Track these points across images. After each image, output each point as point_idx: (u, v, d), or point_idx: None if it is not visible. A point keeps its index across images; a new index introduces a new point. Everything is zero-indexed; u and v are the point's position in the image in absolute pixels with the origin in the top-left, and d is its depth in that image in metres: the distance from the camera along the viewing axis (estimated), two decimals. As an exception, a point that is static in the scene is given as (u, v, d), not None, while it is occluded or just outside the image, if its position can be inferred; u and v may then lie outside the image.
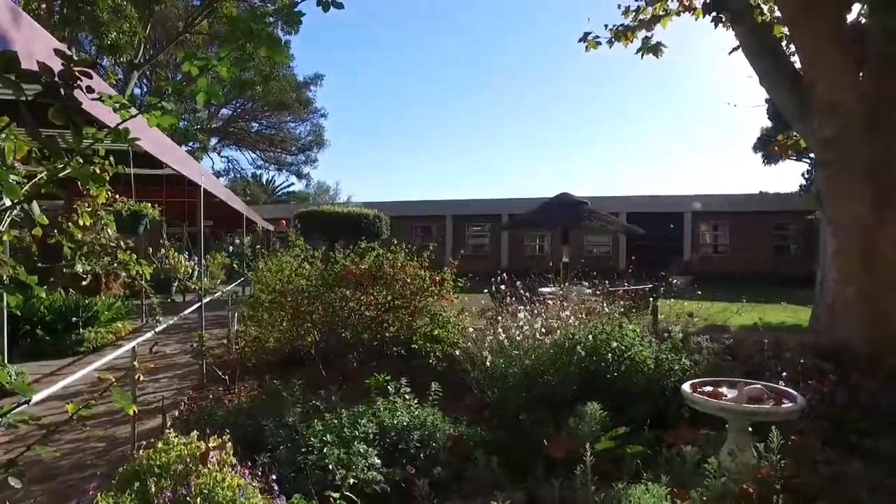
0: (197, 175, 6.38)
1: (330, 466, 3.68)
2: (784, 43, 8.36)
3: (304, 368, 6.59)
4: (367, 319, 6.52)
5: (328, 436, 4.07)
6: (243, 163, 62.44)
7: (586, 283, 10.92)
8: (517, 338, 4.63)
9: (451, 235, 31.65)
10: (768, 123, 24.12)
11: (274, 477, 3.33)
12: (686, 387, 3.78)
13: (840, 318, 7.06)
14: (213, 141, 38.51)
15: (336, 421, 4.33)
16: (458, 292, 7.01)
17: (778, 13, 8.04)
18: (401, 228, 26.77)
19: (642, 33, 8.65)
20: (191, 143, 30.79)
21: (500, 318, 5.42)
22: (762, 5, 8.21)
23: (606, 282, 9.69)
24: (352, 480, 3.48)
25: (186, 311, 7.09)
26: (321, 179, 67.47)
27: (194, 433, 3.45)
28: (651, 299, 11.01)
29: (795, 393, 3.61)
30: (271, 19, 1.77)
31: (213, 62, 1.71)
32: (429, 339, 6.33)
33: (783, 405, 3.38)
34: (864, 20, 7.55)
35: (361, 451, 3.91)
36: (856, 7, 7.52)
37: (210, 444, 3.21)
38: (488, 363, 4.57)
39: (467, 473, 3.93)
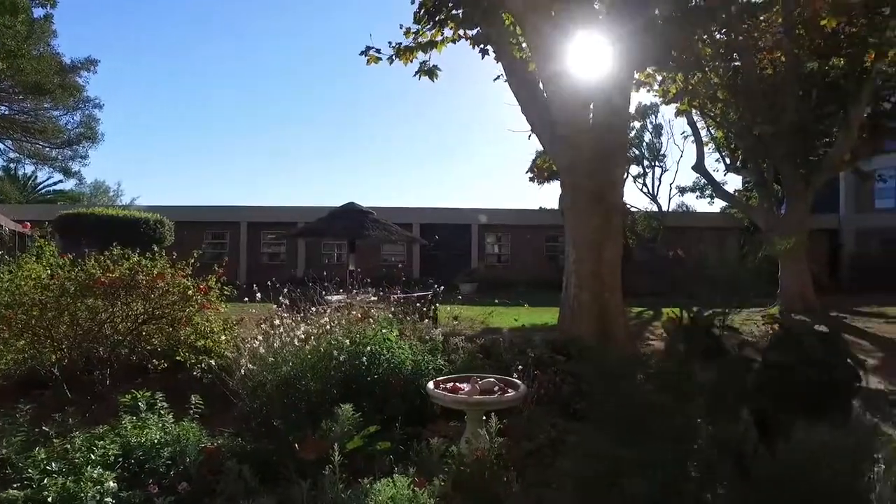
0: None
1: (49, 500, 3.29)
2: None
3: (47, 391, 5.77)
4: (124, 332, 5.94)
5: (53, 464, 3.63)
6: (-13, 153, 51.77)
7: (372, 291, 11.28)
8: (275, 345, 4.64)
9: (246, 243, 30.10)
10: (541, 147, 27.46)
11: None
12: (430, 384, 4.16)
13: (578, 317, 8.33)
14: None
15: (68, 446, 3.89)
16: (246, 301, 6.71)
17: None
18: (191, 235, 24.71)
19: (422, 55, 9.27)
20: None
21: (273, 327, 5.36)
22: (522, 42, 9.35)
23: (397, 289, 10.15)
24: (77, 511, 3.17)
25: None
26: (100, 178, 58.74)
27: None
28: (432, 305, 11.80)
29: (520, 383, 4.21)
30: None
31: None
32: (195, 350, 5.99)
33: (507, 394, 3.91)
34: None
35: (95, 476, 3.57)
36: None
37: None
38: (243, 371, 4.51)
39: (220, 486, 3.82)
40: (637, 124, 27.96)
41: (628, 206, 27.03)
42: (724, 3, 7.79)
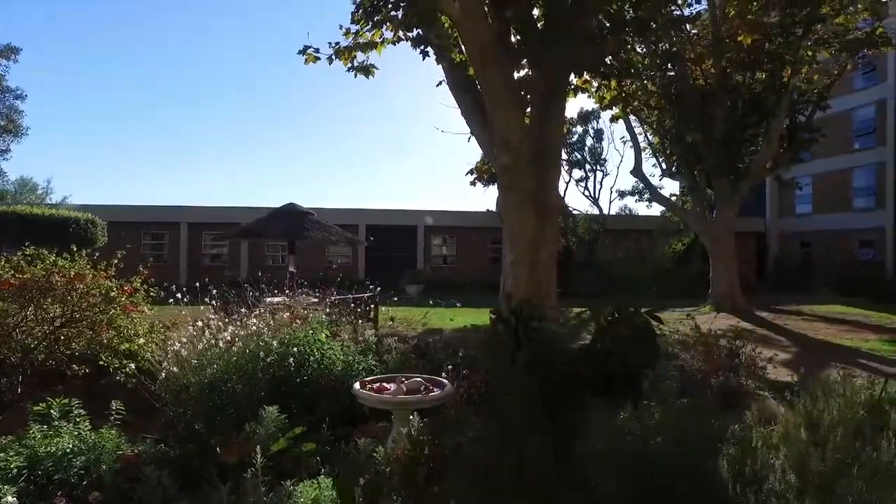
0: None
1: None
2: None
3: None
4: (39, 337, 5.65)
5: (-56, 481, 3.43)
6: None
7: (312, 292, 11.17)
8: (199, 347, 4.53)
9: (187, 244, 29.11)
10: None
11: None
12: (356, 384, 4.17)
13: (514, 317, 8.48)
14: None
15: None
16: (179, 304, 6.50)
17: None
18: (128, 236, 23.72)
19: (361, 55, 9.24)
20: None
21: (198, 329, 5.22)
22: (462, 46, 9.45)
23: (333, 290, 10.07)
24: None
25: None
26: (26, 175, 55.29)
27: None
28: (372, 306, 11.77)
29: (447, 382, 4.27)
30: None
31: None
32: (119, 354, 5.77)
33: (431, 394, 3.96)
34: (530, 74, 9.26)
35: (-7, 490, 3.40)
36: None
37: None
38: (164, 375, 4.39)
39: (136, 493, 3.71)
40: (579, 129, 28.73)
41: (570, 209, 27.73)
42: (653, 14, 8.12)
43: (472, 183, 11.43)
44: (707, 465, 2.87)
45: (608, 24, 8.21)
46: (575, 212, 27.43)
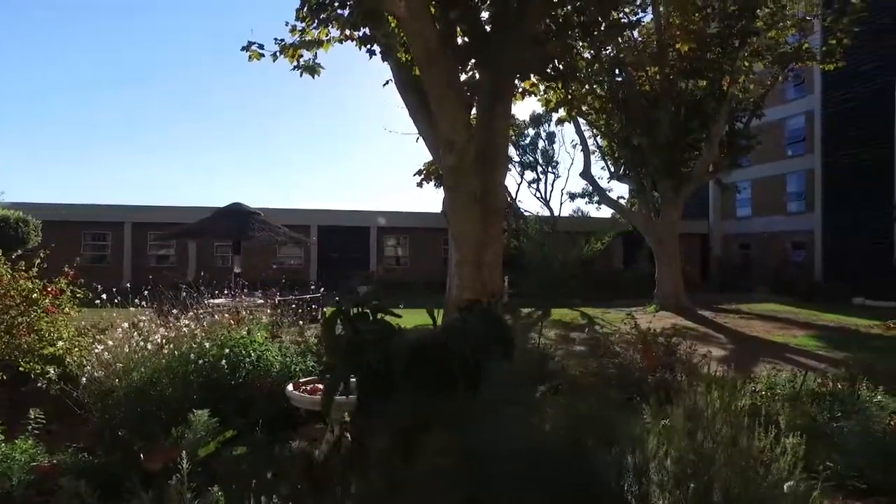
0: None
1: None
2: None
3: None
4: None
5: None
6: None
7: (258, 294, 10.97)
8: (125, 350, 4.36)
9: (131, 244, 28.03)
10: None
11: None
12: (290, 386, 4.08)
13: (460, 317, 8.50)
14: None
15: None
16: (117, 306, 6.24)
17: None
18: (66, 236, 22.67)
19: (307, 53, 9.10)
20: None
21: (125, 332, 5.02)
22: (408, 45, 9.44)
23: (275, 290, 9.92)
24: None
25: None
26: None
27: None
28: (318, 307, 11.66)
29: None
30: None
31: None
32: (42, 359, 5.48)
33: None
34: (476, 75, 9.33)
35: None
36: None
37: None
38: (85, 380, 4.20)
39: (51, 507, 3.53)
40: (531, 132, 29.17)
41: (522, 211, 28.11)
42: (596, 19, 8.31)
43: (420, 184, 11.50)
44: (595, 459, 3.01)
45: (553, 27, 8.34)
46: (527, 213, 27.82)
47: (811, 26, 18.19)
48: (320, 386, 4.10)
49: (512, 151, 29.92)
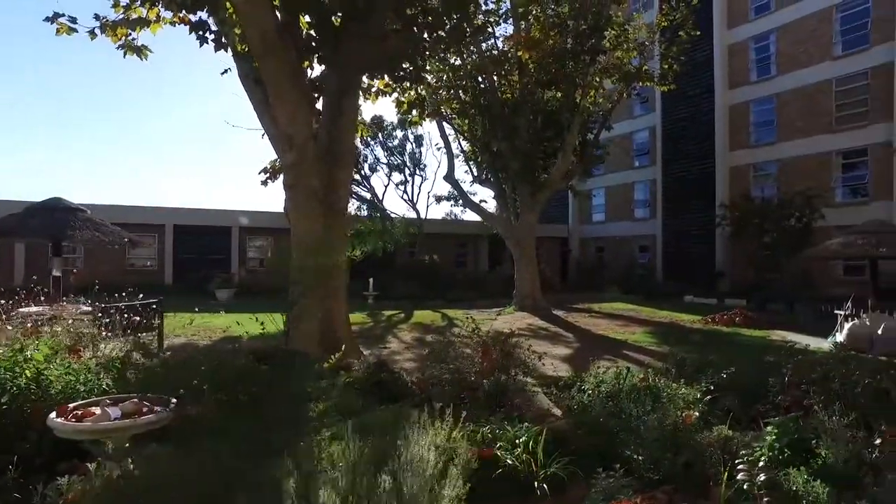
0: None
1: None
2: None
3: None
4: None
5: None
6: None
7: (83, 300, 9.79)
8: None
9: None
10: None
11: None
12: (53, 413, 3.50)
13: (301, 322, 8.09)
14: None
15: None
16: None
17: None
18: None
19: (134, 34, 8.19)
20: None
21: None
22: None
23: (106, 297, 8.89)
24: None
25: None
26: None
27: None
28: (157, 315, 10.60)
29: (173, 401, 3.78)
30: None
31: None
32: None
33: (141, 418, 3.45)
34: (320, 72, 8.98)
35: None
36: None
37: None
38: None
39: None
40: (399, 133, 29.16)
41: (388, 213, 28.01)
42: (441, 22, 8.31)
43: (265, 182, 10.83)
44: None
45: (398, 27, 8.21)
46: (393, 215, 27.73)
47: (652, 51, 20.04)
48: (95, 410, 3.56)
49: (380, 153, 29.73)
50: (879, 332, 9.89)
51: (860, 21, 21.64)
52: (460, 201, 26.74)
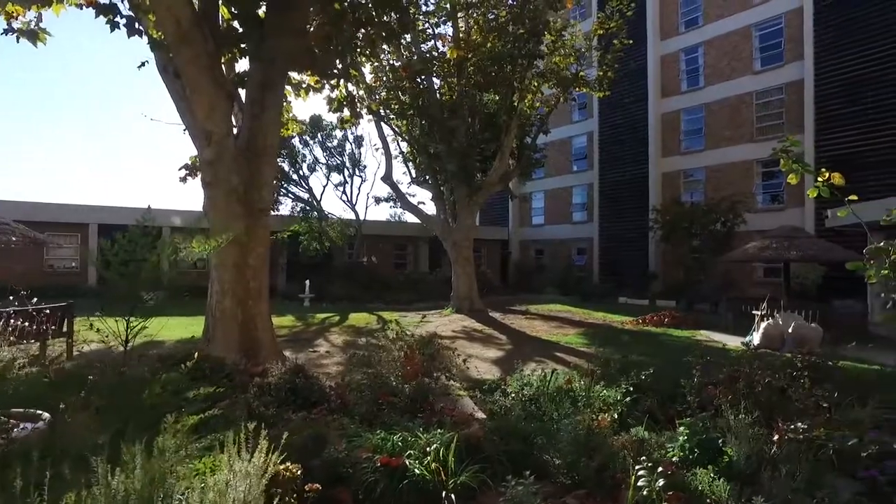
0: None
1: None
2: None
3: None
4: None
5: None
6: None
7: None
8: None
9: None
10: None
11: None
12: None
13: (221, 326, 7.71)
14: None
15: None
16: None
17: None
18: None
19: (32, 14, 7.58)
20: None
21: None
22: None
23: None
24: None
25: None
26: None
27: None
28: (66, 320, 9.91)
29: (47, 415, 3.45)
30: None
31: None
32: None
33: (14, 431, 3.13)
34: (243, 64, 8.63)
35: None
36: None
37: None
38: None
39: None
40: (339, 133, 28.66)
41: (327, 213, 27.44)
42: (371, 19, 8.12)
43: (183, 179, 10.27)
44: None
45: (323, 23, 7.96)
46: (331, 216, 27.19)
47: (590, 58, 20.48)
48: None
49: (319, 153, 29.10)
50: (790, 330, 10.38)
51: (775, 40, 22.96)
52: (399, 203, 26.51)
